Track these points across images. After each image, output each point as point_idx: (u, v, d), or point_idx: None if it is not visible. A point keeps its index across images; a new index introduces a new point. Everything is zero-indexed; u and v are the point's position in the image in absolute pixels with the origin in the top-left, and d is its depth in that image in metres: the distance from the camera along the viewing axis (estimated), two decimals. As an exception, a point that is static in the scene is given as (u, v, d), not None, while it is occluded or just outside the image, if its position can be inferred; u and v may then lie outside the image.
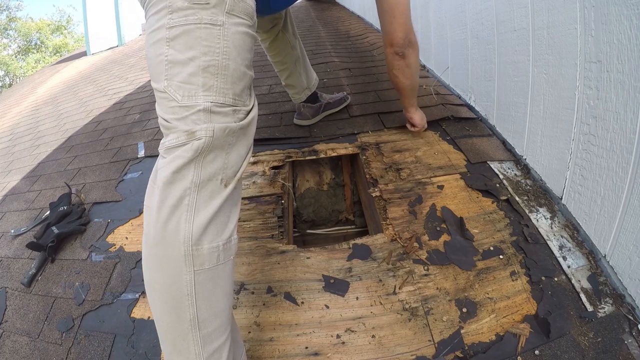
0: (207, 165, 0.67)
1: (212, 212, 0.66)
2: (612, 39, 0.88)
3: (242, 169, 0.75)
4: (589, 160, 1.01)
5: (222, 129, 0.68)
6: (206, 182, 0.67)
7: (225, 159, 0.70)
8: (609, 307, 0.90)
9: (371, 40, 3.31)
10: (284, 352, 0.88)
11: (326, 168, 1.84)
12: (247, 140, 0.77)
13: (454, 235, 1.13)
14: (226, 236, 0.69)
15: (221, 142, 0.68)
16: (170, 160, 0.66)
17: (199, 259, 0.64)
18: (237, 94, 0.71)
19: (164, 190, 0.65)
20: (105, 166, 1.77)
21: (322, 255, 1.12)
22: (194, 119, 0.66)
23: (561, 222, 1.14)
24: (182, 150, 0.65)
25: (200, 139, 0.65)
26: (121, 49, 6.00)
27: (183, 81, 0.66)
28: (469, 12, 1.71)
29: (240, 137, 0.73)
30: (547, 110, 1.20)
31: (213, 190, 0.68)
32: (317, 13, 5.42)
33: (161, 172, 0.66)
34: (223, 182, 0.69)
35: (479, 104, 1.72)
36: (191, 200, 0.65)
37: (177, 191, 0.64)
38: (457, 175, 1.36)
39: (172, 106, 0.67)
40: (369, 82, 2.23)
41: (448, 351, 0.85)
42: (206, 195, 0.66)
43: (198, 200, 0.65)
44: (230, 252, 0.71)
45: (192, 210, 0.65)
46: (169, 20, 0.65)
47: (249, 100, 0.76)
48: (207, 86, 0.66)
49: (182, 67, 0.66)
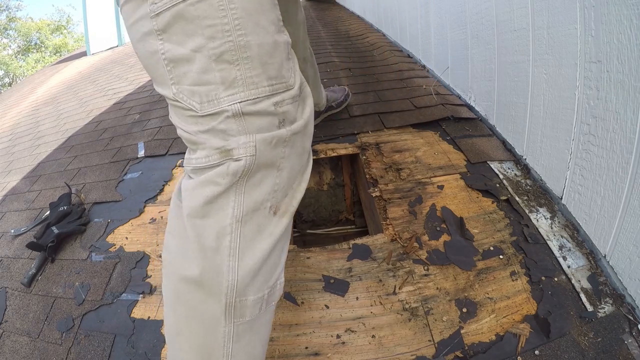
0: (251, 191, 0.53)
1: (261, 256, 0.54)
2: (612, 39, 0.88)
3: (300, 190, 0.59)
4: (589, 160, 1.01)
5: (267, 140, 0.52)
6: (251, 213, 0.53)
7: (275, 179, 0.55)
8: (609, 307, 0.90)
9: (371, 40, 3.31)
10: (284, 352, 0.88)
11: (326, 168, 1.84)
12: (304, 145, 0.59)
13: (454, 235, 1.13)
14: (273, 281, 0.58)
15: (269, 157, 0.53)
16: (199, 185, 0.52)
17: (241, 311, 0.54)
18: (274, 76, 0.53)
19: (195, 227, 0.52)
20: (105, 166, 1.77)
21: (322, 255, 1.12)
22: (225, 129, 0.51)
23: (561, 222, 1.14)
24: (215, 173, 0.51)
25: (239, 159, 0.51)
26: (121, 49, 6.00)
27: (195, 82, 0.50)
28: (469, 12, 1.71)
29: (296, 143, 0.57)
30: (547, 110, 1.20)
31: (261, 224, 0.54)
32: (317, 13, 5.42)
33: (189, 199, 0.53)
34: (272, 210, 0.55)
35: (479, 104, 1.72)
36: (233, 241, 0.52)
37: (213, 229, 0.51)
38: (457, 175, 1.36)
39: (191, 116, 0.52)
40: (369, 82, 2.23)
41: (448, 351, 0.85)
42: (252, 232, 0.53)
43: (242, 240, 0.52)
44: (275, 297, 0.60)
45: (236, 255, 0.52)
46: (150, 6, 0.48)
47: (292, 75, 0.57)
48: (228, 81, 0.50)
49: (189, 65, 0.50)
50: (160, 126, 2.03)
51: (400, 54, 2.79)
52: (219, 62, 0.49)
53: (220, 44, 0.49)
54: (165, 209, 1.38)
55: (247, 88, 0.51)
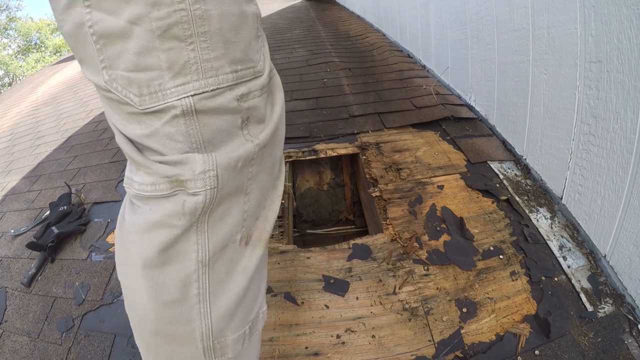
0: (216, 226, 0.43)
1: (236, 295, 0.46)
2: (612, 39, 0.88)
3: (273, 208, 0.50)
4: (589, 160, 1.01)
5: (231, 166, 0.42)
6: (219, 252, 0.44)
7: (244, 206, 0.45)
8: (609, 307, 0.90)
9: (371, 40, 3.31)
10: (284, 352, 0.88)
11: (326, 168, 1.84)
12: (274, 155, 0.49)
13: (454, 235, 1.13)
14: (254, 315, 0.51)
15: (234, 184, 0.43)
16: (150, 228, 0.41)
17: (222, 350, 0.48)
18: (239, 59, 0.41)
19: (153, 278, 0.42)
20: (105, 166, 1.77)
21: (322, 255, 1.12)
22: (171, 133, 0.39)
23: (561, 222, 1.14)
24: (167, 214, 0.40)
25: (196, 194, 0.40)
26: (121, 49, 5.98)
27: (133, 66, 0.37)
28: (469, 12, 1.71)
29: (265, 158, 0.47)
30: (547, 110, 1.20)
31: (232, 261, 0.45)
32: (317, 13, 5.42)
33: (140, 246, 0.42)
34: (244, 241, 0.47)
35: (479, 104, 1.72)
36: (202, 287, 0.43)
37: (176, 279, 0.42)
38: (457, 175, 1.36)
39: (130, 113, 0.40)
40: (369, 82, 2.23)
41: (448, 351, 0.85)
42: (223, 272, 0.45)
43: (212, 284, 0.44)
44: (258, 327, 0.53)
45: (207, 300, 0.44)
46: None
47: (261, 57, 0.45)
48: (177, 66, 0.38)
49: (124, 41, 0.37)
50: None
51: (400, 54, 2.79)
52: (165, 39, 0.37)
53: (168, 13, 0.36)
54: (165, 209, 1.38)
55: (204, 76, 0.39)
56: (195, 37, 0.38)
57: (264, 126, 0.46)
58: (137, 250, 0.43)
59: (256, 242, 0.49)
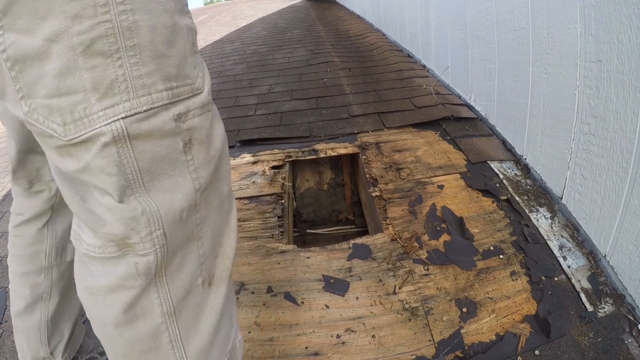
0: (174, 277, 0.42)
1: (209, 333, 0.46)
2: (612, 39, 0.88)
3: (229, 243, 0.49)
4: (589, 160, 1.01)
5: (176, 219, 0.40)
6: (183, 300, 0.43)
7: (198, 251, 0.44)
8: (609, 307, 0.90)
9: (371, 40, 3.31)
10: (284, 352, 0.88)
11: (326, 168, 1.84)
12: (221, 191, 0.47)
13: (454, 235, 1.13)
14: (230, 346, 0.51)
15: (183, 235, 0.42)
16: (108, 292, 0.40)
17: None
18: (173, 75, 0.38)
19: (125, 335, 0.41)
20: (105, 166, 1.77)
21: (322, 255, 1.12)
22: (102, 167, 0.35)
23: (561, 222, 1.14)
24: (122, 277, 0.39)
25: (146, 255, 0.38)
26: (121, 48, 5.99)
27: (53, 92, 0.33)
28: (469, 12, 1.71)
29: (210, 198, 0.45)
30: (547, 110, 1.20)
31: (198, 304, 0.45)
32: (317, 13, 5.42)
33: (103, 309, 0.41)
34: (206, 283, 0.46)
35: (479, 103, 1.72)
36: (173, 334, 0.43)
37: (146, 333, 0.42)
38: (457, 175, 1.36)
39: (56, 147, 0.36)
40: (369, 82, 2.23)
41: (448, 351, 0.85)
42: (191, 317, 0.45)
43: (182, 329, 0.44)
44: (237, 357, 0.53)
45: (180, 344, 0.44)
46: None
47: (199, 74, 0.42)
48: (103, 86, 0.34)
49: (41, 63, 0.32)
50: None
51: (400, 54, 2.79)
52: (88, 56, 0.32)
53: (91, 25, 0.32)
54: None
55: (135, 95, 0.35)
56: (122, 51, 0.34)
57: (207, 162, 0.42)
58: (103, 311, 0.41)
59: (219, 281, 0.48)
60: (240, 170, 1.52)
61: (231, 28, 5.01)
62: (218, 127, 0.46)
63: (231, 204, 0.50)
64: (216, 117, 0.46)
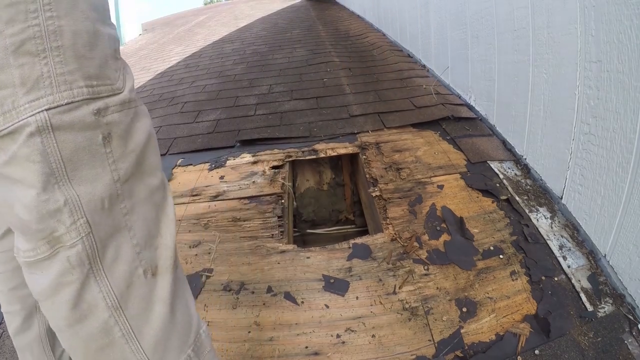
0: (112, 269, 0.44)
1: (162, 323, 0.47)
2: (612, 39, 0.88)
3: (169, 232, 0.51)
4: (589, 160, 1.01)
5: (97, 206, 0.42)
6: (126, 292, 0.45)
7: (131, 241, 0.46)
8: (609, 307, 0.90)
9: (371, 40, 3.31)
10: (284, 352, 0.88)
11: (326, 168, 1.84)
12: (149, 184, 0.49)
13: (454, 235, 1.13)
14: (193, 337, 0.52)
15: (109, 224, 0.44)
16: (50, 292, 0.42)
17: None
18: (94, 75, 0.42)
19: (78, 334, 0.43)
20: (105, 166, 1.77)
21: (322, 254, 1.12)
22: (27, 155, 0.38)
23: (561, 221, 1.14)
24: (58, 274, 0.41)
25: (73, 246, 0.41)
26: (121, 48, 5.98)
27: None
28: (469, 12, 1.71)
29: (135, 190, 0.47)
30: (547, 110, 1.20)
31: (144, 295, 0.46)
32: (317, 13, 5.42)
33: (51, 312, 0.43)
34: (149, 273, 0.47)
35: (479, 103, 1.72)
36: (124, 327, 0.44)
37: (96, 329, 0.43)
38: (457, 175, 1.36)
39: None
40: (369, 82, 2.23)
41: (448, 351, 0.85)
42: (139, 308, 0.46)
43: (132, 322, 0.45)
44: (205, 348, 0.54)
45: (133, 337, 0.45)
46: None
47: (120, 76, 0.47)
48: (30, 81, 0.38)
49: None
50: (160, 126, 2.03)
51: (400, 54, 2.79)
52: (18, 55, 0.37)
53: (22, 29, 0.37)
54: (165, 209, 1.38)
55: (57, 90, 0.39)
56: (48, 51, 0.38)
57: (126, 155, 0.45)
58: (55, 314, 0.43)
59: (164, 271, 0.49)
60: (240, 170, 1.52)
61: (231, 28, 5.01)
62: (141, 124, 0.49)
63: (165, 196, 0.53)
64: (141, 114, 0.50)
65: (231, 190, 1.42)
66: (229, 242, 1.20)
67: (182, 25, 6.57)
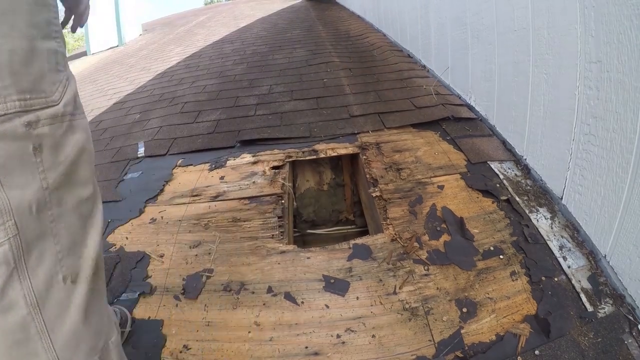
0: (35, 269, 0.46)
1: (74, 328, 0.50)
2: (612, 39, 0.88)
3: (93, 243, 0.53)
4: (589, 161, 1.01)
5: (25, 210, 0.45)
6: (45, 293, 0.47)
7: (55, 247, 0.48)
8: (609, 307, 0.90)
9: (371, 40, 3.31)
10: (284, 352, 0.88)
11: (326, 168, 1.84)
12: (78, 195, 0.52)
13: (454, 235, 1.13)
14: (102, 345, 0.56)
15: (36, 229, 0.46)
16: None
17: None
18: (28, 89, 0.45)
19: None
20: (105, 166, 1.77)
21: (322, 255, 1.12)
22: None
23: (561, 222, 1.14)
24: None
25: (2, 244, 0.43)
26: (121, 49, 6.00)
27: None
28: (469, 12, 1.71)
29: (64, 199, 0.50)
30: (547, 110, 1.20)
31: (61, 300, 0.49)
32: (317, 13, 5.43)
33: None
34: (69, 279, 0.50)
35: (479, 104, 1.72)
36: (39, 325, 0.47)
37: (14, 323, 0.46)
38: (457, 175, 1.36)
39: None
40: (369, 82, 2.23)
41: (448, 351, 0.85)
42: (55, 310, 0.49)
43: (48, 322, 0.48)
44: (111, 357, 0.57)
45: (47, 335, 0.48)
46: None
47: (57, 89, 0.49)
48: None
49: None
50: (160, 126, 2.03)
51: (401, 54, 2.79)
52: None
53: None
54: (165, 209, 1.38)
55: None
56: None
57: (56, 165, 0.48)
58: None
59: (83, 280, 0.52)
60: (241, 171, 1.52)
61: (231, 28, 5.01)
62: (74, 137, 0.51)
63: (94, 208, 0.55)
64: (77, 128, 0.52)
65: (231, 191, 1.42)
66: (229, 242, 1.20)
67: (182, 25, 6.57)
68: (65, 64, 0.52)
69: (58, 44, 0.50)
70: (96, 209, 0.56)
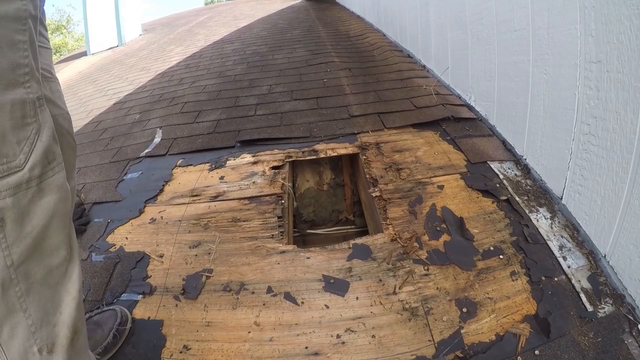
0: (8, 344, 0.44)
1: None
2: (612, 39, 0.88)
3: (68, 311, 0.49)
4: (589, 160, 1.01)
5: None
6: None
7: (27, 321, 0.45)
8: (609, 307, 0.90)
9: (371, 40, 3.31)
10: (284, 352, 0.88)
11: (326, 168, 1.84)
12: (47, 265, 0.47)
13: (454, 235, 1.13)
14: None
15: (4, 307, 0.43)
16: None
17: None
18: None
19: None
20: (105, 166, 1.77)
21: (322, 255, 1.12)
22: None
23: (561, 222, 1.14)
24: None
25: None
26: (121, 49, 6.00)
27: None
28: (469, 12, 1.71)
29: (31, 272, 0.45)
30: (547, 110, 1.20)
31: None
32: (317, 13, 5.43)
33: None
34: (45, 350, 0.47)
35: (479, 104, 1.72)
36: None
37: None
38: (457, 175, 1.36)
39: None
40: (369, 82, 2.23)
41: (448, 351, 0.85)
42: None
43: None
44: None
45: None
46: None
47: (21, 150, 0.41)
48: None
49: None
50: (161, 126, 2.03)
51: (400, 54, 2.79)
52: None
53: None
54: (165, 209, 1.38)
55: None
56: None
57: (21, 239, 0.42)
58: None
59: (59, 349, 0.48)
60: (241, 171, 1.52)
61: (231, 28, 5.01)
62: (43, 202, 0.44)
63: (67, 272, 0.49)
64: (47, 191, 0.45)
65: (231, 191, 1.42)
66: (229, 242, 1.20)
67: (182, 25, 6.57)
68: (35, 111, 0.42)
69: (27, 90, 0.41)
70: (71, 271, 0.51)
